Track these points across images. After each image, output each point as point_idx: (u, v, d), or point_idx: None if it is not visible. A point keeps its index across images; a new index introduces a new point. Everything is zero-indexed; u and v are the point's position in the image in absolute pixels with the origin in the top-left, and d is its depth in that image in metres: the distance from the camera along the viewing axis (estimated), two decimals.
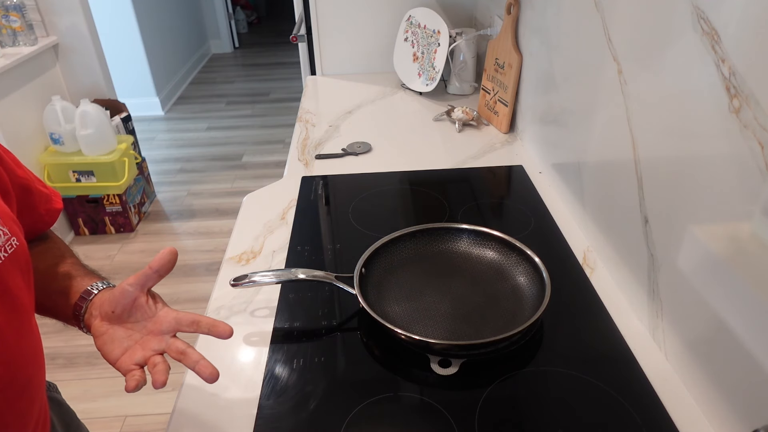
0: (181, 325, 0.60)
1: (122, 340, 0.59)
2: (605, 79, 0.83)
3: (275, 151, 3.47)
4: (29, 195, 0.66)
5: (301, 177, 1.18)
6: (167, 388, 0.57)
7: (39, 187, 0.69)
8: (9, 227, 0.53)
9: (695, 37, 0.60)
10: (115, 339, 0.59)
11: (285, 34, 5.72)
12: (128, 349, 0.59)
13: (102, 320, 0.60)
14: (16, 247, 0.53)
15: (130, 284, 0.59)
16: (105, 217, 2.58)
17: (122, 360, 0.58)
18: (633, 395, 0.65)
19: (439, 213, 1.03)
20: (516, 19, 1.28)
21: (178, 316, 0.60)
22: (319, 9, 1.68)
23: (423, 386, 0.68)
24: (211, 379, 0.57)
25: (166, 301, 0.63)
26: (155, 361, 0.58)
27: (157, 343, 0.59)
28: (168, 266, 0.59)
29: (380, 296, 0.79)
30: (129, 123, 2.75)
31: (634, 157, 0.76)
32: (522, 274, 0.81)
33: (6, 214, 0.55)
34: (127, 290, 0.59)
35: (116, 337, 0.59)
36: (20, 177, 0.64)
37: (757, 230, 0.53)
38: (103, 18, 3.11)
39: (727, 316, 0.58)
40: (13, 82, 2.27)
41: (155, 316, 0.60)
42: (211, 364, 0.57)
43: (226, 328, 0.60)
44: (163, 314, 0.60)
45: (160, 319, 0.60)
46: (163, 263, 0.59)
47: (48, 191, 0.71)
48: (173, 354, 0.59)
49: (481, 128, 1.40)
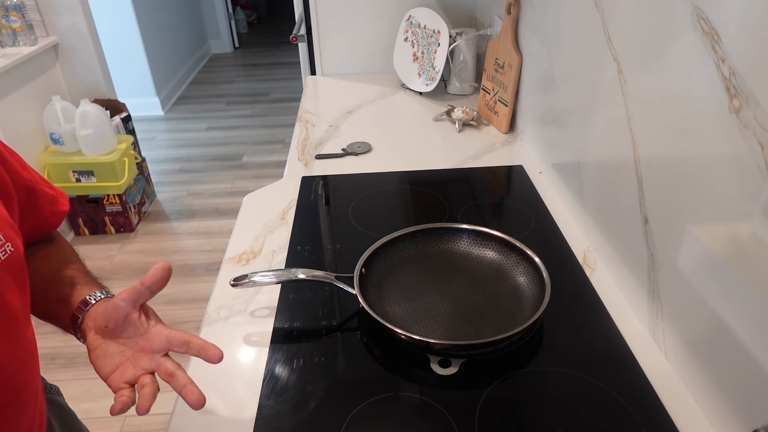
0: (172, 345, 0.58)
1: (114, 355, 0.58)
2: (605, 79, 0.83)
3: (275, 151, 3.47)
4: (34, 197, 0.65)
5: (301, 177, 1.18)
6: (167, 388, 0.56)
7: (45, 188, 0.68)
8: (4, 232, 0.53)
9: (695, 37, 0.60)
10: (108, 354, 0.58)
11: (285, 34, 5.73)
12: (119, 366, 0.57)
13: (96, 333, 0.59)
14: (10, 253, 0.52)
15: (122, 299, 0.58)
16: (105, 217, 2.58)
17: (113, 377, 0.57)
18: (633, 395, 0.65)
19: (439, 213, 1.03)
20: (516, 19, 1.28)
21: (170, 335, 0.59)
22: (319, 9, 1.68)
23: (423, 386, 0.68)
24: (196, 405, 0.55)
25: (167, 301, 0.63)
26: (144, 382, 0.56)
27: (147, 361, 0.58)
28: (161, 282, 0.58)
29: (380, 296, 0.79)
30: (129, 123, 2.75)
31: (634, 157, 0.76)
32: (522, 274, 0.81)
33: (2, 218, 0.54)
34: (119, 305, 0.58)
35: (108, 353, 0.58)
36: (25, 179, 0.63)
37: (757, 230, 0.53)
38: (103, 18, 3.11)
39: (727, 316, 0.58)
40: (13, 82, 2.27)
41: (147, 333, 0.59)
42: (198, 390, 0.56)
43: (216, 352, 0.58)
44: (155, 332, 0.59)
45: (152, 336, 0.59)
46: (156, 279, 0.58)
47: (54, 193, 0.70)
48: (162, 375, 0.58)
49: (481, 128, 1.40)
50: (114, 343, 0.59)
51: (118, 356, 0.58)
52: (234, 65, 5.31)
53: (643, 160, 0.74)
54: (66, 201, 0.73)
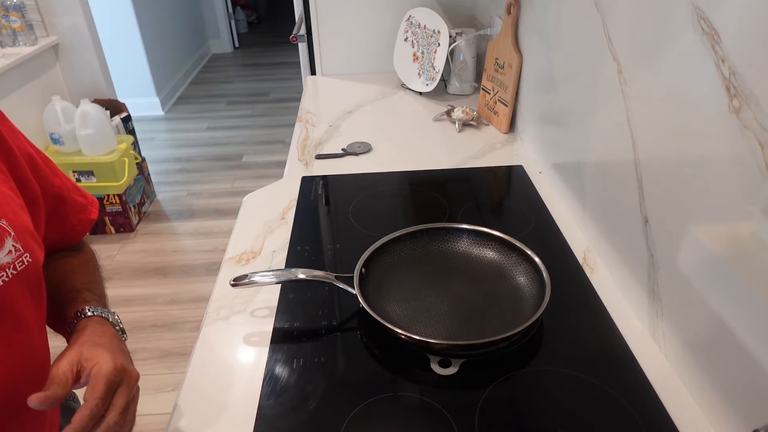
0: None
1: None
2: (605, 79, 0.83)
3: (275, 151, 3.47)
4: (62, 205, 0.65)
5: (301, 177, 1.17)
6: (167, 388, 0.56)
7: (75, 196, 0.67)
8: (24, 242, 0.52)
9: (695, 37, 0.60)
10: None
11: (285, 34, 5.71)
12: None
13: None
14: (27, 264, 0.52)
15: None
16: (105, 217, 2.58)
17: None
18: (633, 395, 0.65)
19: (439, 213, 1.03)
20: (516, 19, 1.28)
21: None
22: (319, 9, 1.68)
23: (423, 386, 0.68)
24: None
25: (167, 301, 0.63)
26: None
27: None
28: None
29: (380, 296, 0.79)
30: (129, 123, 2.75)
31: (634, 157, 0.76)
32: (522, 274, 0.81)
33: (24, 228, 0.53)
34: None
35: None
36: (56, 186, 0.63)
37: (757, 230, 0.53)
38: (103, 18, 3.10)
39: (727, 316, 0.58)
40: (13, 82, 2.27)
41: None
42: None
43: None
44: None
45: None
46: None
47: (85, 201, 0.70)
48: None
49: (481, 128, 1.40)
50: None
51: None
52: (234, 65, 5.31)
53: (643, 160, 0.74)
54: (96, 209, 0.73)
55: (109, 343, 0.57)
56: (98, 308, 0.62)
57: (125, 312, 2.13)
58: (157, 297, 2.22)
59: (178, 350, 1.96)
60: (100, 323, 0.61)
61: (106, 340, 0.58)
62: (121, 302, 2.20)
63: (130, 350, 0.62)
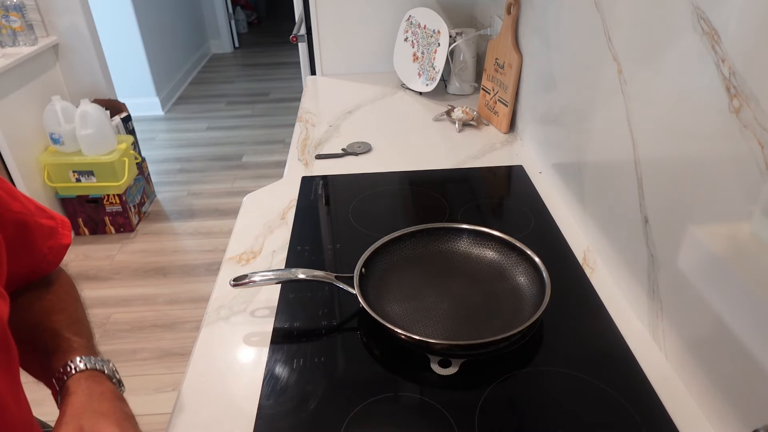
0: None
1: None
2: (605, 79, 0.83)
3: (275, 151, 3.47)
4: (26, 232, 0.56)
5: (301, 177, 1.18)
6: (167, 388, 0.56)
7: (40, 220, 0.59)
8: None
9: (695, 37, 0.60)
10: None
11: (285, 34, 5.71)
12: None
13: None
14: None
15: None
16: (105, 217, 2.58)
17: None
18: (633, 395, 0.65)
19: (439, 213, 1.03)
20: (516, 19, 1.28)
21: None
22: (319, 9, 1.68)
23: (423, 386, 0.68)
24: None
25: (167, 301, 0.62)
26: None
27: None
28: None
29: (380, 296, 0.79)
30: (129, 123, 2.75)
31: (634, 157, 0.76)
32: (522, 274, 0.81)
33: None
34: None
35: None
36: (14, 211, 0.55)
37: (757, 230, 0.53)
38: (103, 18, 3.11)
39: (727, 316, 0.58)
40: (13, 82, 2.27)
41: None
42: None
43: None
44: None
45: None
46: None
47: (53, 223, 0.61)
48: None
49: (481, 128, 1.40)
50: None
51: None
52: (234, 65, 5.31)
53: (643, 160, 0.74)
54: (68, 231, 0.65)
55: (111, 411, 0.51)
56: (90, 358, 0.55)
57: (125, 312, 2.13)
58: (157, 297, 2.22)
59: (178, 350, 1.96)
60: (96, 380, 0.54)
61: (108, 405, 0.52)
62: (121, 302, 2.20)
63: (130, 350, 0.59)
